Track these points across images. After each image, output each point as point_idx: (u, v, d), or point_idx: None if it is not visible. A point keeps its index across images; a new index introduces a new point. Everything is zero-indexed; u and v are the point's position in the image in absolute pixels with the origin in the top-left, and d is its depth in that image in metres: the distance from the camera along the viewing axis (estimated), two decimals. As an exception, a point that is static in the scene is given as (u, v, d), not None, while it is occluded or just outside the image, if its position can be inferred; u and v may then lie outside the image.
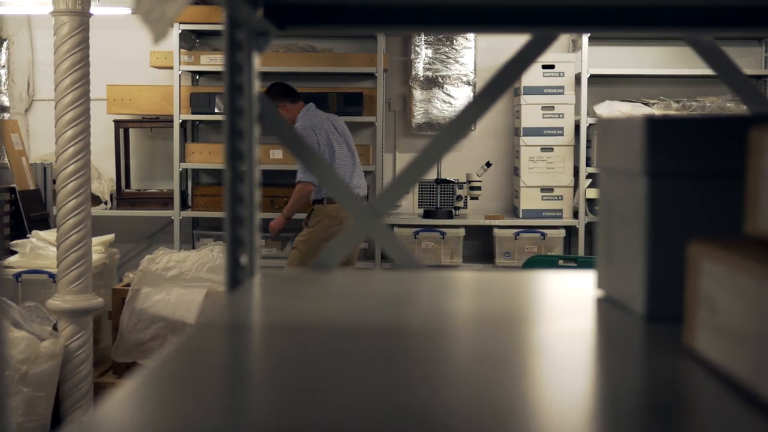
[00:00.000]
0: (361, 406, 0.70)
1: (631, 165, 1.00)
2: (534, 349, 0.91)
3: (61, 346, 4.14)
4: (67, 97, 4.15)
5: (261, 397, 0.72)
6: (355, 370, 0.81)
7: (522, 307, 1.10)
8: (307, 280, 1.18)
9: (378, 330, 0.97)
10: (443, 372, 0.83)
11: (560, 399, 0.77)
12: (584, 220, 5.98)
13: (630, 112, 5.88)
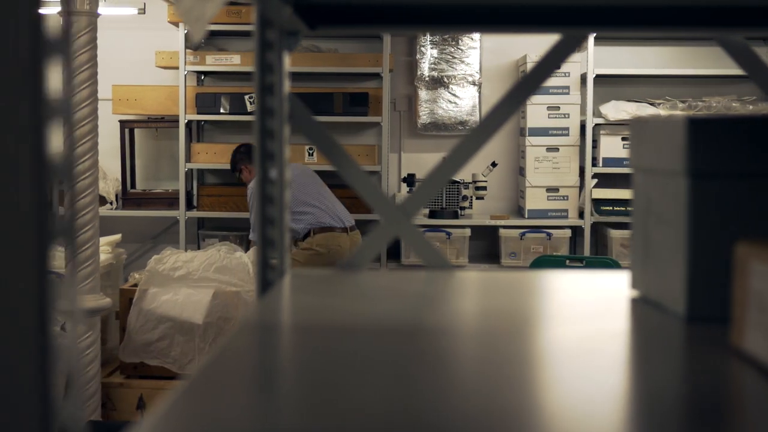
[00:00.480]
0: (407, 411, 0.70)
1: (671, 165, 1.00)
2: (574, 350, 0.91)
3: (69, 346, 4.13)
4: (75, 97, 4.15)
5: (316, 399, 0.72)
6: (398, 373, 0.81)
7: (555, 307, 1.10)
8: (337, 280, 1.18)
9: (415, 330, 0.97)
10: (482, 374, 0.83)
11: (605, 400, 0.77)
12: (590, 221, 5.98)
13: (636, 113, 5.88)
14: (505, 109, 1.22)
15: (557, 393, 0.77)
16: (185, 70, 5.97)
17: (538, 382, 0.80)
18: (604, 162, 5.99)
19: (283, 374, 0.78)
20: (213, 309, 4.44)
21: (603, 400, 0.77)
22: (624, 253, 5.87)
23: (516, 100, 1.23)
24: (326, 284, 1.15)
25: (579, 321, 1.01)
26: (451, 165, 1.25)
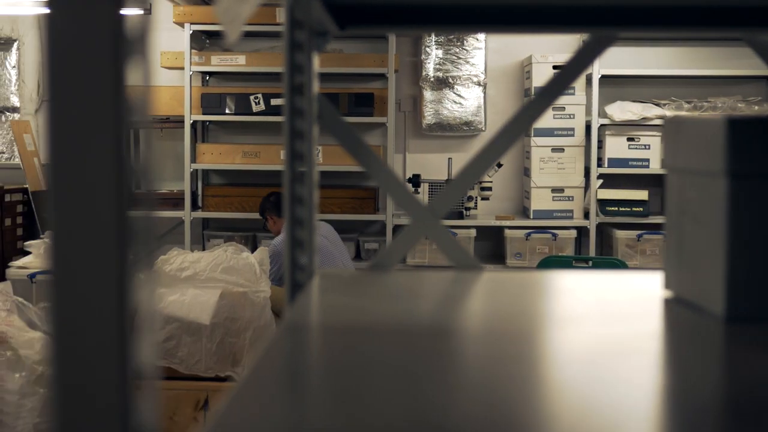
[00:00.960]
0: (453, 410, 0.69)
1: (710, 166, 1.00)
2: (612, 351, 0.91)
3: (77, 346, 4.13)
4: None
5: (368, 399, 0.72)
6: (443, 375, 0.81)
7: (589, 308, 1.09)
8: (367, 281, 1.18)
9: (452, 331, 0.97)
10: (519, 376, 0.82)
11: (645, 402, 0.77)
12: (595, 221, 5.98)
13: (641, 113, 5.88)
14: (533, 109, 1.22)
15: (596, 395, 0.76)
16: (190, 70, 5.97)
17: (576, 385, 0.79)
18: (609, 162, 5.99)
19: (330, 375, 0.78)
20: (220, 309, 4.43)
21: (643, 401, 0.77)
22: (629, 253, 5.87)
23: (544, 100, 1.23)
24: (357, 285, 1.15)
25: (615, 322, 1.01)
26: (479, 165, 1.24)
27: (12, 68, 6.37)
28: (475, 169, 1.23)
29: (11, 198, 5.01)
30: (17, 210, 5.11)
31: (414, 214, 1.23)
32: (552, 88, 1.22)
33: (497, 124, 6.27)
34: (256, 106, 5.96)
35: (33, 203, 5.17)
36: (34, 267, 4.60)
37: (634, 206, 5.92)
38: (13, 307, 4.05)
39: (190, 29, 5.94)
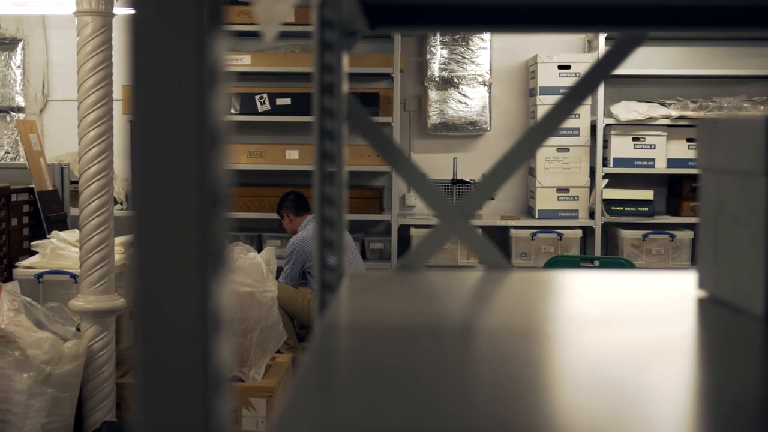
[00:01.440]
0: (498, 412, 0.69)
1: (748, 165, 1.00)
2: (653, 352, 0.90)
3: (85, 346, 4.13)
4: (90, 98, 4.14)
5: (420, 399, 0.72)
6: (491, 374, 0.81)
7: (622, 308, 1.09)
8: (398, 281, 1.18)
9: (488, 331, 0.97)
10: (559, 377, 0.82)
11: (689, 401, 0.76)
12: (600, 221, 5.98)
13: (647, 113, 5.88)
14: (561, 110, 1.22)
15: (637, 396, 0.76)
16: (196, 70, 5.96)
17: (618, 386, 0.79)
18: (614, 162, 5.99)
19: (381, 375, 0.78)
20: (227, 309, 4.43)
21: (685, 402, 0.76)
22: (635, 253, 5.87)
23: (572, 101, 1.23)
24: (389, 286, 1.15)
25: (652, 322, 1.01)
26: (509, 165, 1.24)
27: (17, 68, 6.36)
28: (504, 168, 1.23)
29: (17, 198, 5.01)
30: (23, 210, 5.11)
31: (443, 214, 1.23)
32: (580, 89, 1.22)
33: (502, 123, 6.28)
34: (261, 106, 5.96)
35: (39, 203, 5.16)
36: (41, 267, 4.60)
37: (640, 206, 5.92)
38: (21, 307, 4.05)
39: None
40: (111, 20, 4.20)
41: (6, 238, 4.87)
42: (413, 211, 6.41)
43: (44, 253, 4.63)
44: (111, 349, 4.26)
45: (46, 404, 3.99)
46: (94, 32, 4.14)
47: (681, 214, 5.99)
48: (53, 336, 4.03)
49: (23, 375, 3.93)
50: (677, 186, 6.12)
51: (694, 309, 1.08)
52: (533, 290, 1.15)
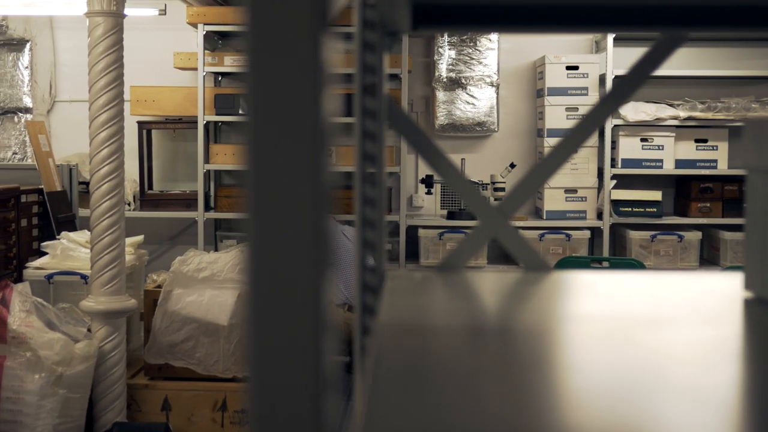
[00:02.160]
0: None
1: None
2: (708, 352, 0.90)
3: (96, 347, 4.13)
4: (101, 99, 4.14)
5: (496, 399, 0.72)
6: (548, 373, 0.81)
7: (669, 308, 1.09)
8: (440, 281, 1.17)
9: (538, 332, 0.97)
10: (610, 380, 0.82)
11: (736, 404, 0.76)
12: (609, 222, 5.98)
13: (655, 114, 5.88)
14: (601, 111, 1.22)
15: (698, 398, 0.76)
16: (204, 71, 5.97)
17: (664, 389, 0.79)
18: (622, 163, 5.99)
19: (450, 375, 0.78)
20: (238, 310, 4.43)
21: (734, 403, 0.76)
22: (643, 254, 5.87)
23: (615, 100, 1.23)
24: (433, 286, 1.15)
25: (702, 323, 1.01)
26: (548, 166, 1.24)
27: (25, 69, 6.36)
28: (544, 169, 1.23)
29: (27, 199, 5.01)
30: (32, 210, 5.10)
31: (482, 215, 1.23)
32: (621, 89, 1.22)
33: (510, 124, 6.27)
34: (269, 107, 5.95)
35: (48, 204, 5.16)
36: (51, 268, 4.60)
37: (648, 207, 5.92)
38: (32, 307, 4.05)
39: (204, 30, 5.94)
40: (122, 21, 4.20)
41: (15, 238, 4.87)
42: (420, 212, 6.41)
43: (54, 254, 4.63)
44: (122, 349, 4.26)
45: (57, 405, 3.99)
46: (105, 33, 4.14)
47: (689, 215, 5.99)
48: (64, 337, 4.03)
49: (35, 376, 3.93)
50: (685, 187, 6.12)
51: (742, 310, 1.08)
52: (578, 291, 1.15)
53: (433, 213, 6.29)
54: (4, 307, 3.99)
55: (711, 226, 6.03)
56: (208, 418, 4.45)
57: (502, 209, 1.24)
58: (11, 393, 3.97)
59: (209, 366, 4.45)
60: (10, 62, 6.36)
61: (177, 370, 4.46)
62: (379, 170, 1.15)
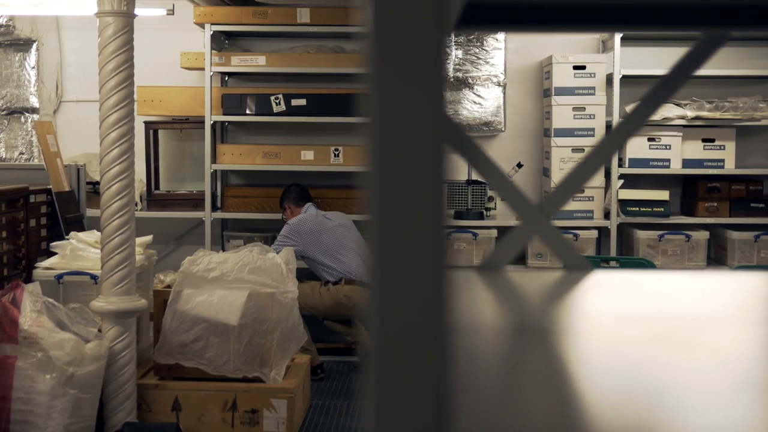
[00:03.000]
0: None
1: None
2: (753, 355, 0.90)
3: (106, 347, 4.13)
4: (112, 99, 4.14)
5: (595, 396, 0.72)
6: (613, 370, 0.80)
7: (721, 308, 1.08)
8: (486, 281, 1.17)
9: (609, 331, 0.96)
10: (679, 383, 0.82)
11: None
12: (616, 221, 5.98)
13: (662, 113, 5.88)
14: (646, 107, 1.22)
15: (743, 403, 0.76)
16: (211, 71, 5.96)
17: (736, 390, 0.78)
18: (630, 163, 5.99)
19: (532, 374, 0.78)
20: (248, 310, 4.43)
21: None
22: (650, 254, 5.87)
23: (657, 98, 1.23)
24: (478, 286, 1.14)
25: (757, 323, 1.00)
26: (591, 165, 1.24)
27: (31, 69, 6.36)
28: (586, 168, 1.23)
29: (35, 199, 5.00)
30: (41, 211, 5.10)
31: (523, 214, 1.23)
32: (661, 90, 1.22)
33: (517, 124, 6.27)
34: (276, 107, 5.96)
35: (56, 204, 5.16)
36: (61, 268, 4.59)
37: (655, 206, 5.92)
38: (43, 308, 4.04)
39: (211, 30, 5.94)
40: (132, 21, 4.19)
41: (24, 238, 4.87)
42: (427, 212, 6.40)
43: (63, 254, 4.63)
44: (132, 350, 4.26)
45: (68, 405, 3.99)
46: (115, 33, 4.13)
47: (696, 215, 5.99)
48: (75, 337, 4.02)
49: (46, 376, 3.93)
50: (692, 186, 6.12)
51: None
52: (626, 291, 1.15)
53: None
54: (15, 308, 3.99)
55: (718, 225, 6.03)
56: (218, 418, 4.44)
57: (544, 209, 1.23)
58: (22, 393, 3.96)
59: (219, 366, 4.45)
60: (16, 62, 6.36)
61: (187, 370, 4.46)
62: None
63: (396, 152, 0.42)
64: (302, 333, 4.69)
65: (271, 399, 4.44)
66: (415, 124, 0.43)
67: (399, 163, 0.42)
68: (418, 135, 0.43)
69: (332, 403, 5.09)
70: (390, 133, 0.42)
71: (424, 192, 0.42)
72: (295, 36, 6.22)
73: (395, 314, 0.42)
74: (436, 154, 0.42)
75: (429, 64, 0.44)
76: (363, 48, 0.45)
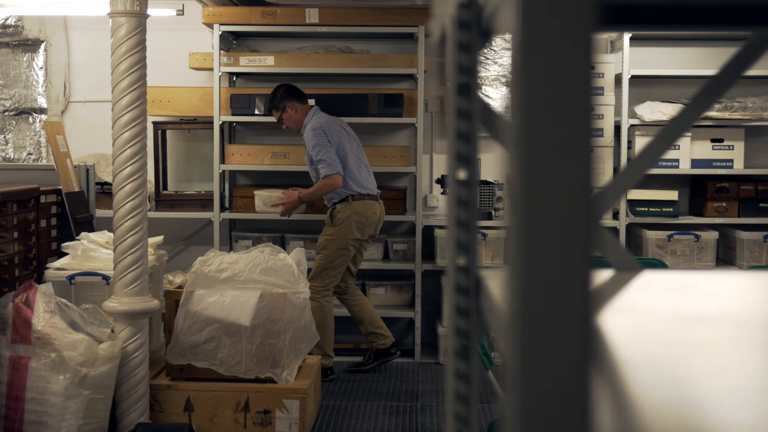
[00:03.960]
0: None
1: None
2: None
3: (119, 348, 4.12)
4: (125, 99, 4.13)
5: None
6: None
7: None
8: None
9: (661, 334, 0.96)
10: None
11: None
12: (625, 221, 5.98)
13: (671, 113, 5.87)
14: (696, 107, 1.21)
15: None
16: (219, 71, 5.96)
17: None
18: (639, 163, 5.98)
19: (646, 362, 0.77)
20: (260, 311, 4.42)
21: None
22: (659, 254, 5.87)
23: (708, 97, 1.22)
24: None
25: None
26: (644, 161, 1.24)
27: (39, 69, 6.35)
28: (635, 169, 1.23)
29: (46, 199, 5.00)
30: (51, 211, 5.10)
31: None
32: (709, 92, 1.22)
33: (526, 124, 6.26)
34: (285, 107, 5.94)
35: (66, 204, 5.15)
36: (73, 269, 4.59)
37: (664, 206, 5.92)
38: (56, 308, 4.04)
39: (219, 30, 5.93)
40: (145, 21, 4.18)
41: (35, 239, 4.86)
42: (435, 212, 6.40)
43: (75, 254, 4.62)
44: (145, 350, 4.26)
45: (81, 406, 3.98)
46: (128, 33, 4.12)
47: (705, 215, 5.99)
48: (88, 338, 4.02)
49: (59, 377, 3.93)
50: (700, 186, 6.12)
51: None
52: (683, 292, 1.14)
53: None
54: (29, 308, 3.98)
55: (727, 225, 6.03)
56: (230, 419, 4.44)
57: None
58: (36, 394, 3.96)
59: (231, 366, 4.44)
60: (24, 63, 6.35)
61: (199, 370, 4.45)
62: (472, 172, 1.15)
63: (544, 156, 0.42)
64: (314, 334, 4.69)
65: (284, 399, 4.44)
66: (566, 124, 0.43)
67: (547, 166, 0.42)
68: (569, 139, 0.42)
69: (343, 404, 5.09)
70: (538, 137, 0.42)
71: (573, 198, 0.41)
72: (303, 36, 6.22)
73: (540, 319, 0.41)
74: (587, 158, 0.42)
75: (580, 63, 0.44)
76: (510, 51, 0.45)
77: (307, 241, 6.08)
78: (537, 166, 0.42)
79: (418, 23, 5.84)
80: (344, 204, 5.36)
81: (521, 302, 0.42)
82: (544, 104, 0.43)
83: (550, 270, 0.43)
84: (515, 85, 0.45)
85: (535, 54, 0.44)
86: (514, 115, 0.43)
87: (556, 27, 0.43)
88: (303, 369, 4.69)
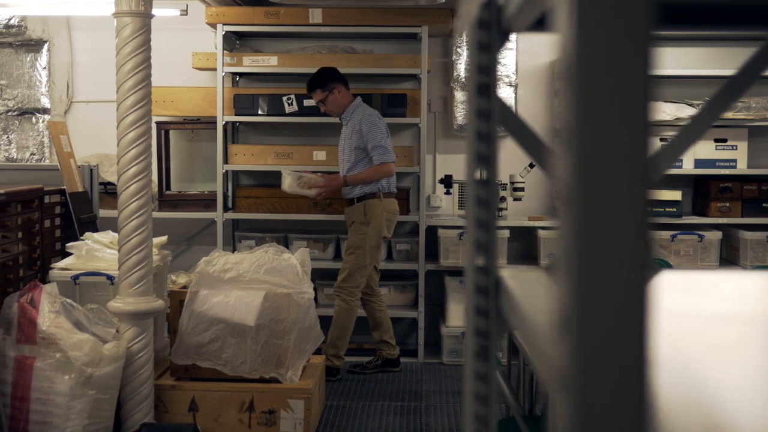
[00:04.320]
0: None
1: None
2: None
3: (124, 348, 4.12)
4: (129, 99, 4.13)
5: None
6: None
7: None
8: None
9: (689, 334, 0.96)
10: None
11: None
12: (628, 221, 5.97)
13: (675, 113, 5.88)
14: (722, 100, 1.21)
15: None
16: (223, 71, 5.96)
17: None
18: (642, 163, 5.98)
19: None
20: (265, 311, 4.42)
21: None
22: (663, 254, 5.87)
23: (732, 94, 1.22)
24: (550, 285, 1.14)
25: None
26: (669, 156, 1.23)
27: (42, 69, 6.35)
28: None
29: (50, 199, 5.00)
30: (55, 211, 5.09)
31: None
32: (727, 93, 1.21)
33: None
34: (288, 107, 5.95)
35: (71, 204, 5.15)
36: (77, 269, 4.58)
37: (668, 206, 5.92)
38: (61, 308, 4.04)
39: (223, 30, 5.93)
40: (150, 21, 4.18)
41: (39, 239, 4.86)
42: (438, 212, 6.40)
43: (79, 254, 4.62)
44: (150, 350, 4.25)
45: (87, 406, 3.98)
46: (133, 33, 4.12)
47: (708, 215, 5.99)
48: (93, 338, 4.02)
49: (64, 377, 3.92)
50: (704, 186, 6.12)
51: None
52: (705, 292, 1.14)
53: (451, 213, 6.28)
54: (34, 308, 3.98)
55: (730, 225, 6.03)
56: (235, 419, 4.44)
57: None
58: (41, 394, 3.96)
59: (236, 367, 4.44)
60: (28, 63, 6.35)
61: (203, 370, 4.45)
62: (492, 172, 1.15)
63: (600, 159, 0.42)
64: (319, 334, 4.69)
65: (288, 399, 4.44)
66: (624, 125, 0.43)
67: (604, 169, 0.42)
68: (627, 141, 0.42)
69: (347, 404, 5.09)
70: (594, 141, 0.42)
71: (628, 195, 0.41)
72: (307, 36, 6.22)
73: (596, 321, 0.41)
74: (645, 151, 0.42)
75: (639, 63, 0.43)
76: (564, 53, 0.45)
77: (311, 241, 6.08)
78: (595, 169, 0.42)
79: (422, 23, 5.84)
80: (375, 201, 5.37)
81: (578, 307, 0.42)
82: (603, 106, 0.43)
83: (610, 274, 0.43)
84: (572, 87, 0.45)
85: (594, 55, 0.44)
86: (571, 119, 0.43)
87: (616, 27, 0.43)
88: (307, 369, 4.69)
